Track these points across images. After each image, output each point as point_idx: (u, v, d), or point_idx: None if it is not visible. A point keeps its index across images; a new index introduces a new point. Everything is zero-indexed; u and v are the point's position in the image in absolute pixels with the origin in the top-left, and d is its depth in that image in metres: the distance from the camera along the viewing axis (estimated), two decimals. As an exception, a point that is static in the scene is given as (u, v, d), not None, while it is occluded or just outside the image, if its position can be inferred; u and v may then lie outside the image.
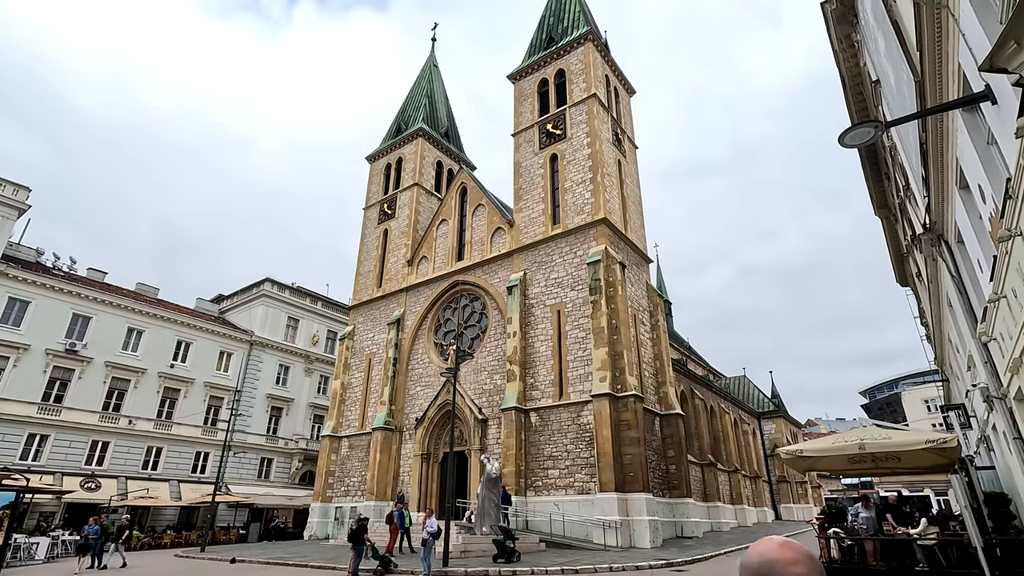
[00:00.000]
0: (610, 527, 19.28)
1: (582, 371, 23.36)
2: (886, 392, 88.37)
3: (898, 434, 14.84)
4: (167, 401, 35.23)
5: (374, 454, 28.68)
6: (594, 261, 24.20)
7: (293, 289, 45.13)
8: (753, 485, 39.63)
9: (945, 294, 12.92)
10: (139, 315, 34.86)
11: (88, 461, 30.91)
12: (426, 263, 33.10)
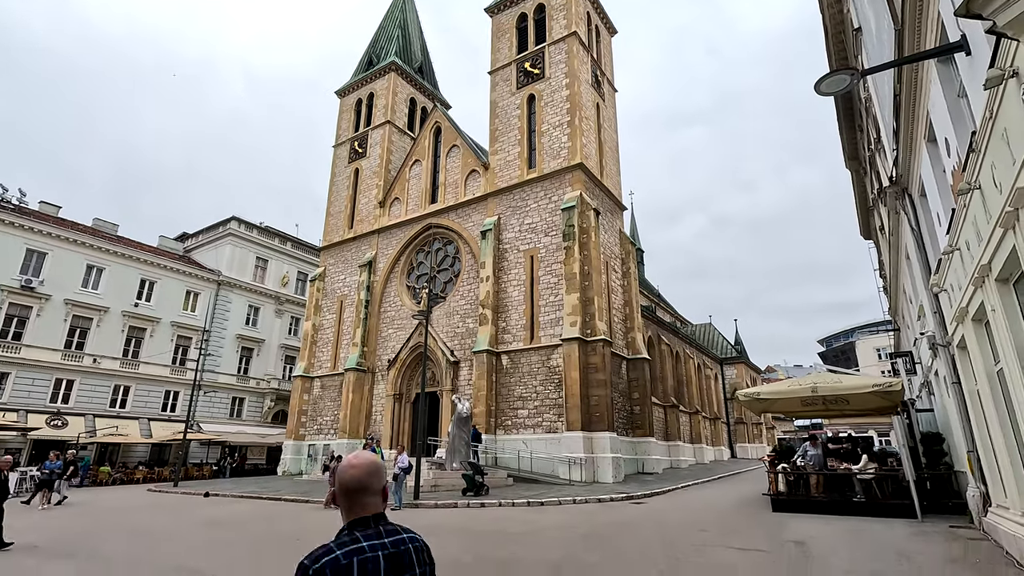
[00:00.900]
0: (575, 463, 20.18)
1: (553, 316, 23.71)
2: (842, 341, 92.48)
3: (848, 378, 15.69)
4: (133, 340, 34.61)
5: (346, 394, 29.02)
6: (569, 207, 24.09)
7: (261, 229, 43.94)
8: (712, 426, 41.70)
9: (904, 247, 13.35)
10: (98, 252, 33.60)
11: (53, 399, 30.49)
12: (398, 205, 32.47)
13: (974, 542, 8.85)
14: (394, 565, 1.69)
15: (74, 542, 10.38)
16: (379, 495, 1.77)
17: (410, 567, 1.74)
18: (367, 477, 1.75)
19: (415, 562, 1.76)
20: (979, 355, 8.02)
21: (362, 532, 1.71)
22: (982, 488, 9.72)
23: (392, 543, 1.73)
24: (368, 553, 1.65)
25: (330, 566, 1.58)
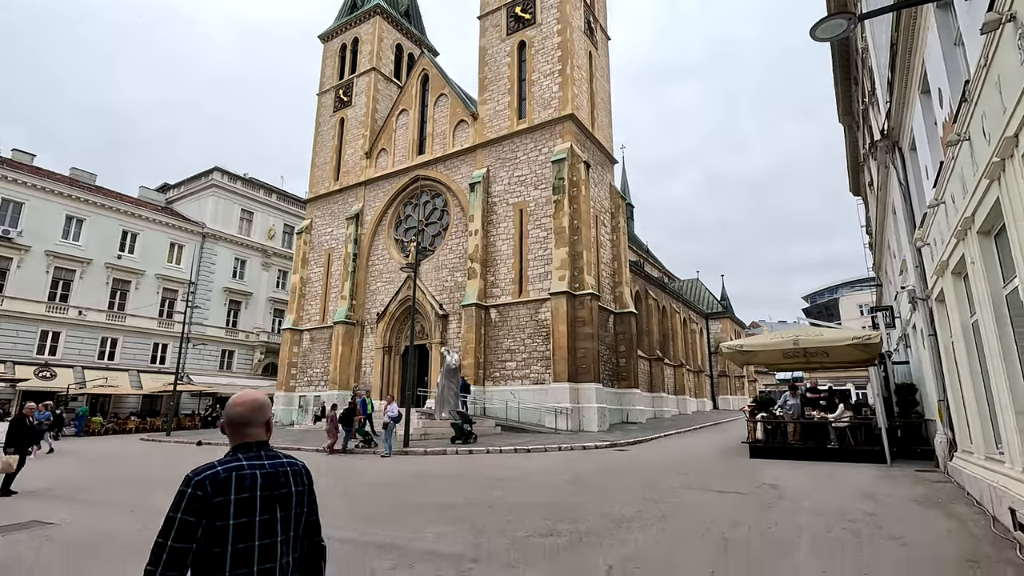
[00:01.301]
0: (561, 413, 20.69)
1: (542, 270, 23.75)
2: (827, 297, 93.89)
3: (829, 331, 16.04)
4: (118, 293, 34.27)
5: (336, 347, 29.20)
6: (559, 159, 23.74)
7: (245, 180, 42.97)
8: (696, 379, 42.74)
9: (891, 201, 13.41)
10: (77, 202, 32.77)
11: (40, 351, 30.39)
12: (385, 156, 31.78)
13: (938, 484, 9.31)
14: (271, 482, 1.89)
15: (71, 489, 10.57)
16: (262, 427, 2.01)
17: (286, 484, 1.93)
18: (251, 413, 1.99)
19: (291, 481, 1.96)
20: (956, 308, 8.20)
21: (244, 454, 1.92)
22: (949, 435, 10.15)
23: (271, 465, 1.93)
24: (247, 471, 1.86)
25: (210, 479, 1.79)
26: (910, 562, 5.04)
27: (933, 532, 6.14)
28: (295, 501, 1.95)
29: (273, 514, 1.87)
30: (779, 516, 7.05)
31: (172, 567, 1.70)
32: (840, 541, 5.80)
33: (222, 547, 1.76)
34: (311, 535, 2.04)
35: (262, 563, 1.80)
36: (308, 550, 2.03)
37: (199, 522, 1.74)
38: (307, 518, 2.02)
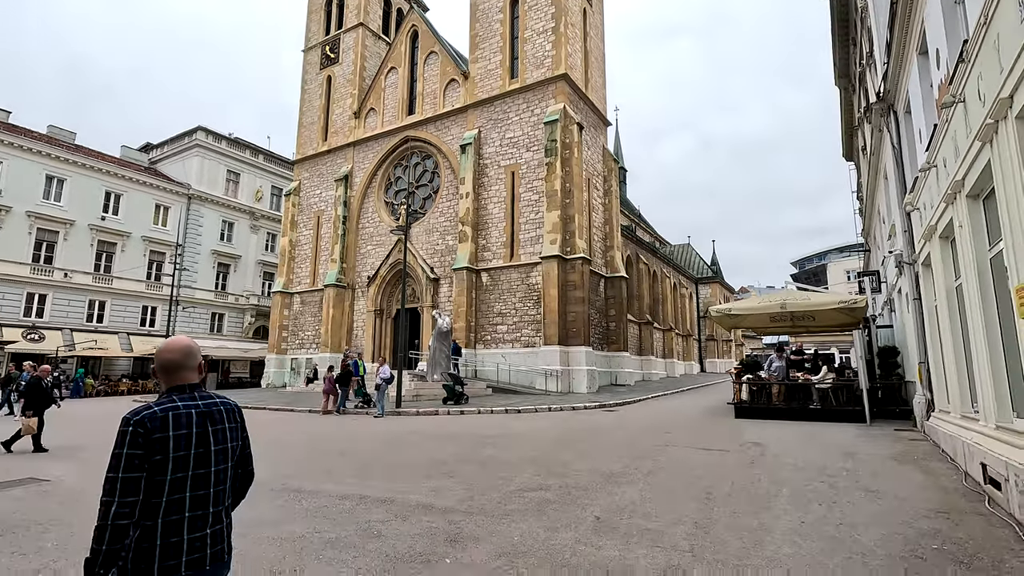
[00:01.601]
0: (551, 375, 21.00)
1: (534, 233, 23.66)
2: (815, 263, 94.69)
3: (816, 295, 16.25)
4: (103, 255, 33.79)
5: (327, 310, 29.19)
6: (552, 120, 23.36)
7: (230, 140, 41.94)
8: (684, 342, 43.36)
9: (884, 166, 13.40)
10: (57, 161, 31.91)
11: (27, 313, 30.11)
12: (374, 116, 31.07)
13: (914, 442, 9.64)
14: (205, 419, 2.07)
15: (66, 448, 10.66)
16: (194, 370, 2.15)
17: (220, 421, 2.11)
18: (183, 358, 2.13)
19: (225, 418, 2.14)
20: (941, 272, 8.33)
21: (178, 396, 2.07)
22: (928, 395, 10.46)
23: (204, 404, 2.10)
24: (182, 410, 2.02)
25: (148, 417, 1.94)
26: (884, 513, 5.26)
27: (907, 486, 6.38)
28: (229, 436, 2.14)
29: (208, 448, 2.04)
30: (761, 472, 7.29)
31: (127, 494, 1.84)
32: (818, 494, 6.03)
33: (162, 477, 1.92)
34: (244, 464, 2.26)
35: (195, 490, 1.99)
36: (240, 476, 2.26)
37: (144, 455, 1.89)
38: (241, 451, 2.22)
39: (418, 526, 5.07)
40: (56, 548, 4.66)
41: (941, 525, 4.85)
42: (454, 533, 4.85)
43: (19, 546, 4.72)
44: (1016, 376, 5.62)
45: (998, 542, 4.37)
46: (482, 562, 4.13)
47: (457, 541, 4.64)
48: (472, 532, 4.87)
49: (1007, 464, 5.09)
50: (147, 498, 1.90)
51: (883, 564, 3.95)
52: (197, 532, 1.98)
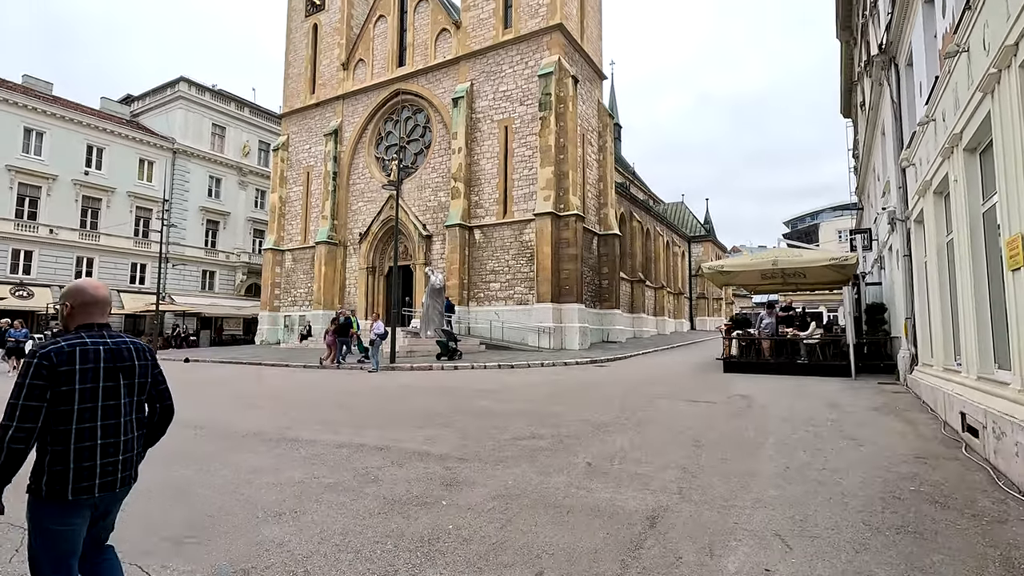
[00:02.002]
0: (544, 332, 21.21)
1: (527, 190, 23.41)
2: (807, 223, 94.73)
3: (807, 253, 16.35)
4: (89, 211, 33.17)
5: (319, 267, 29.04)
6: (546, 73, 22.75)
7: (214, 92, 40.61)
8: (676, 300, 43.71)
9: (881, 121, 13.25)
10: (35, 113, 30.87)
11: (13, 270, 29.76)
12: (363, 67, 30.10)
13: (897, 395, 9.91)
14: (113, 356, 2.20)
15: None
16: (104, 312, 2.29)
17: (129, 358, 2.26)
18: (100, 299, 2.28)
19: (134, 356, 2.29)
20: (933, 228, 8.37)
21: (87, 333, 2.19)
22: (912, 350, 10.69)
23: (113, 342, 2.23)
24: (90, 346, 2.15)
25: (55, 351, 2.06)
26: (865, 459, 5.45)
27: (888, 435, 6.60)
28: (138, 372, 2.29)
29: (117, 381, 2.20)
30: (748, 422, 7.49)
31: (25, 420, 1.98)
32: (803, 442, 6.22)
33: (68, 406, 2.06)
34: (162, 400, 2.45)
35: (106, 419, 2.15)
36: (160, 411, 2.45)
37: (46, 386, 2.02)
38: (155, 387, 2.40)
39: (414, 471, 5.20)
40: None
41: (919, 469, 5.04)
42: (450, 478, 4.99)
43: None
44: (1000, 329, 5.74)
45: (972, 484, 4.56)
46: (477, 504, 4.26)
47: (453, 485, 4.77)
48: (467, 477, 5.01)
49: (986, 412, 5.26)
50: (57, 425, 2.05)
51: (863, 504, 4.12)
52: (109, 458, 2.15)
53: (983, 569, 3.03)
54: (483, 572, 3.10)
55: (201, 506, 4.31)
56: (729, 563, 3.15)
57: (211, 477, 5.12)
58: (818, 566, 3.08)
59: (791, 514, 3.93)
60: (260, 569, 3.16)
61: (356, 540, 3.57)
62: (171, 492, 4.67)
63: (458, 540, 3.55)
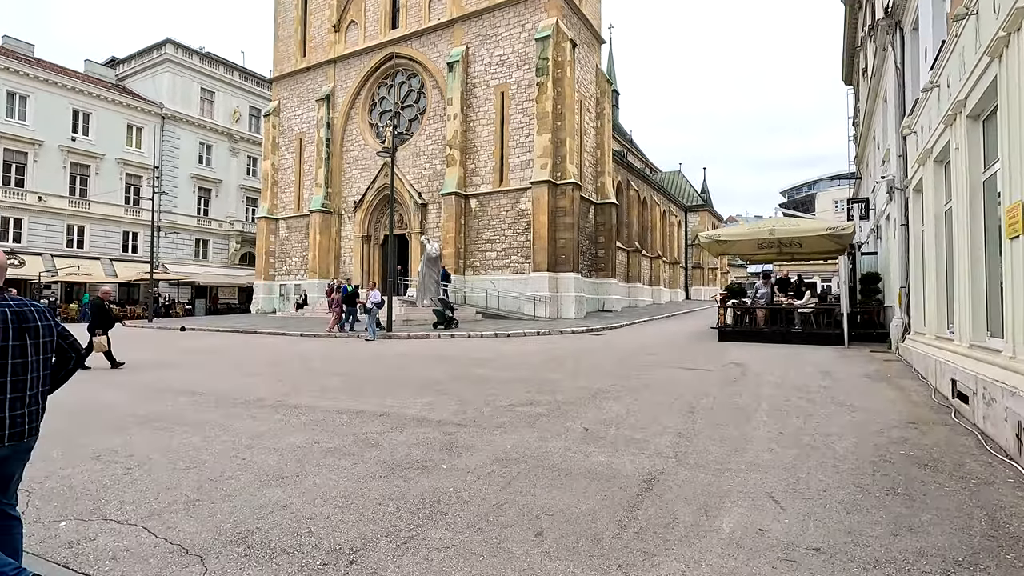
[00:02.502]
0: (540, 301, 21.26)
1: (524, 158, 23.13)
2: (804, 192, 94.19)
3: (804, 222, 16.34)
4: (77, 178, 32.64)
5: (314, 236, 28.83)
6: (543, 36, 22.20)
7: (202, 55, 39.50)
8: (671, 270, 43.83)
9: (884, 88, 13.06)
10: (18, 76, 30.03)
11: (3, 238, 29.40)
12: (355, 29, 29.27)
13: (888, 362, 10.05)
14: (19, 317, 2.37)
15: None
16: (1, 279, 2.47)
17: (33, 320, 2.42)
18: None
19: (37, 317, 2.45)
20: (932, 196, 8.33)
21: None
22: (905, 319, 10.80)
23: (16, 305, 2.40)
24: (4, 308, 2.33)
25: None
26: (856, 424, 5.55)
27: (879, 401, 6.71)
28: (43, 332, 2.46)
29: (24, 341, 2.36)
30: (742, 389, 7.60)
31: None
32: (796, 408, 6.33)
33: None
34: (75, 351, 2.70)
35: (15, 376, 2.33)
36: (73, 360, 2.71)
37: None
38: (63, 341, 2.60)
39: (414, 437, 5.27)
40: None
41: (909, 434, 5.15)
42: (449, 443, 5.06)
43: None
44: (994, 297, 5.78)
45: (961, 448, 4.66)
46: (477, 467, 4.33)
47: (452, 449, 4.84)
48: (466, 442, 5.08)
49: (976, 378, 5.34)
50: None
51: (854, 467, 4.21)
52: (18, 411, 2.33)
53: (970, 528, 3.12)
54: (484, 532, 3.16)
55: (203, 471, 4.36)
56: (724, 523, 3.23)
57: (212, 443, 5.17)
58: (810, 526, 3.17)
59: (784, 477, 4.02)
60: (264, 530, 3.22)
61: (358, 502, 3.64)
62: (172, 457, 4.72)
63: (459, 502, 3.62)
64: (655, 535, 3.09)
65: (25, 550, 2.99)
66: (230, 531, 3.22)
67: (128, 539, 3.13)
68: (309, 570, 2.75)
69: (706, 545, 2.96)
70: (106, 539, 3.13)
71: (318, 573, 2.72)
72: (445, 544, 3.02)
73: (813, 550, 2.87)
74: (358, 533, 3.17)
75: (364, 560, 2.84)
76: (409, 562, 2.82)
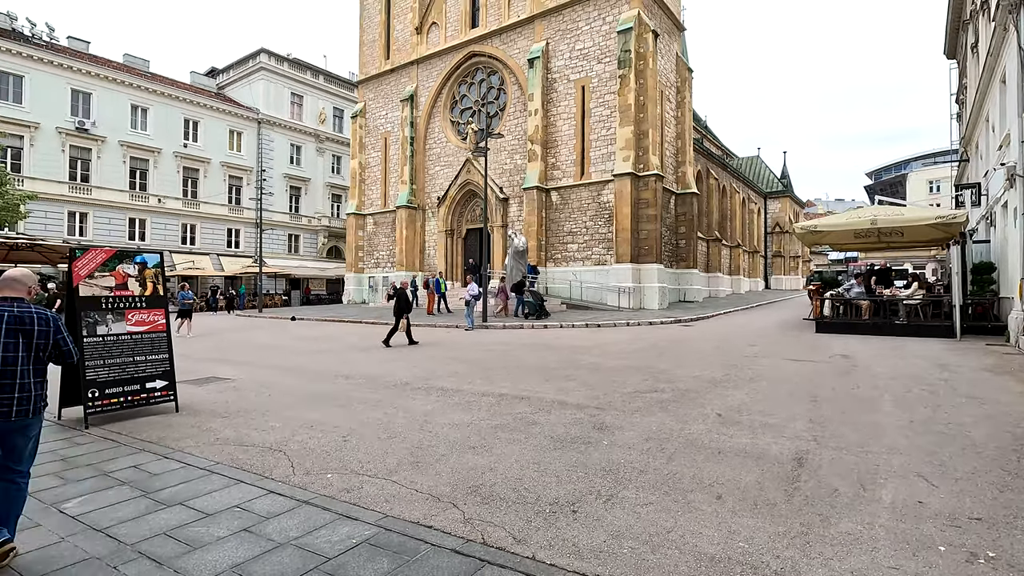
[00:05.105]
0: (624, 292, 21.60)
1: (605, 150, 23.40)
2: (893, 173, 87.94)
3: (909, 211, 15.76)
4: (188, 181, 35.94)
5: (400, 230, 30.41)
6: (625, 29, 22.30)
7: (291, 62, 42.17)
8: (751, 259, 42.61)
9: (1003, 68, 12.43)
10: (140, 91, 33.39)
11: (130, 237, 32.95)
12: (436, 30, 30.39)
13: (1008, 356, 9.80)
14: (17, 321, 3.00)
15: (219, 354, 12.34)
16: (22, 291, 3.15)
17: (30, 324, 3.03)
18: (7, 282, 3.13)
19: (35, 322, 3.06)
20: (1063, 185, 8.11)
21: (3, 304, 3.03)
22: (1027, 311, 10.42)
23: (19, 312, 3.03)
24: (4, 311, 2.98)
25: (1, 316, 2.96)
26: (988, 416, 5.73)
27: (1008, 394, 6.76)
28: (36, 335, 3.05)
29: (16, 340, 2.98)
30: (857, 380, 7.81)
31: None
32: (920, 399, 6.53)
33: None
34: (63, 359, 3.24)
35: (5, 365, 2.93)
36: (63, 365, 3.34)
37: None
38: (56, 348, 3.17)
39: (564, 417, 5.98)
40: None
41: (1047, 426, 5.30)
42: (598, 423, 5.73)
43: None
44: None
45: (1105, 440, 4.81)
46: (634, 444, 4.97)
47: (603, 429, 5.51)
48: (612, 423, 5.73)
49: (1121, 373, 5.39)
50: None
51: (996, 454, 4.50)
52: (5, 394, 2.92)
53: (1125, 507, 3.43)
54: (670, 495, 3.80)
55: (404, 440, 5.25)
56: (883, 495, 3.70)
57: (394, 418, 6.10)
58: (966, 500, 3.58)
59: (927, 460, 4.39)
60: (487, 486, 4.00)
61: (551, 467, 4.37)
62: (372, 429, 5.67)
63: (635, 471, 4.27)
64: (822, 502, 3.61)
65: (320, 492, 3.93)
66: (460, 486, 4.02)
67: (386, 489, 4.00)
68: (545, 515, 3.49)
69: (873, 511, 3.45)
70: (370, 488, 4.02)
71: (553, 517, 3.45)
72: (642, 502, 3.68)
73: (975, 519, 3.30)
74: (565, 491, 3.89)
75: (583, 511, 3.55)
76: (620, 514, 3.50)
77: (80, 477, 4.33)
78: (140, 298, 6.30)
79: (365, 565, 2.87)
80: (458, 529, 3.31)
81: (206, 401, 7.17)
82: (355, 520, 3.43)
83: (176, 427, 5.85)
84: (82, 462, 4.71)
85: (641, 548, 3.03)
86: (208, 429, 5.77)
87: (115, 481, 4.22)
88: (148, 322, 6.32)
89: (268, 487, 4.01)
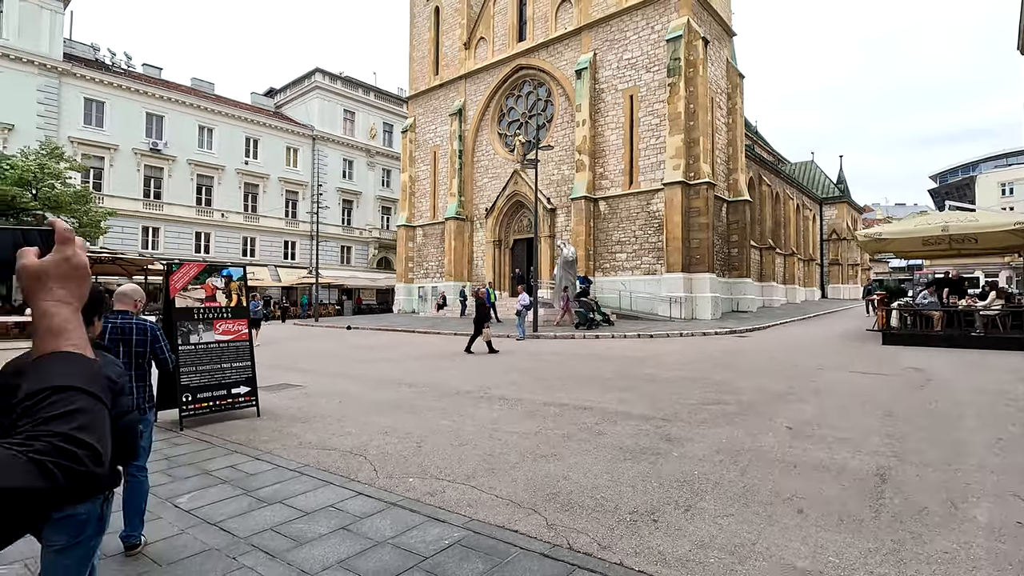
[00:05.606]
0: (675, 302, 21.29)
1: (654, 159, 23.24)
2: (960, 176, 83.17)
3: (984, 216, 14.95)
4: (249, 196, 37.78)
5: (449, 241, 30.99)
6: (674, 37, 22.16)
7: (344, 80, 43.85)
8: (806, 267, 41.14)
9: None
10: (206, 112, 35.45)
11: (196, 250, 34.85)
12: (484, 45, 31.00)
13: (1103, 371, 9.16)
14: (120, 331, 3.52)
15: (286, 362, 12.95)
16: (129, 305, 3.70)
17: (129, 333, 3.55)
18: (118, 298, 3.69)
19: (133, 332, 3.57)
20: None
21: (111, 316, 3.53)
22: (1123, 323, 9.72)
23: (121, 323, 3.56)
24: (110, 322, 3.50)
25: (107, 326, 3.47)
26: (1086, 434, 5.42)
27: (1106, 411, 6.36)
28: (134, 343, 3.56)
29: (117, 346, 3.46)
30: (934, 395, 7.48)
31: None
32: (1008, 416, 6.22)
33: None
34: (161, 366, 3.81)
35: None
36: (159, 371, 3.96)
37: None
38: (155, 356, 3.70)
39: (629, 428, 6.02)
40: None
41: None
42: (664, 434, 5.74)
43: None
44: None
45: None
46: (705, 456, 4.97)
47: (671, 440, 5.52)
48: (680, 434, 5.72)
49: None
50: None
51: (1099, 474, 4.27)
52: None
53: None
54: (749, 507, 3.80)
55: (476, 447, 5.42)
56: (977, 514, 3.59)
57: (462, 426, 6.29)
58: (1070, 522, 3.43)
59: (1022, 480, 4.21)
60: (564, 493, 4.11)
61: (624, 477, 4.44)
62: (443, 436, 5.87)
63: (710, 483, 4.28)
64: (912, 519, 3.54)
65: (405, 495, 4.13)
66: (538, 492, 4.14)
67: (467, 494, 4.16)
68: (627, 523, 3.56)
69: (968, 530, 3.36)
70: (452, 492, 4.20)
71: (635, 526, 3.53)
72: (721, 513, 3.70)
73: (1082, 541, 3.17)
74: (643, 501, 3.95)
75: (664, 520, 3.61)
76: (700, 524, 3.53)
77: (185, 475, 4.70)
78: (227, 309, 6.76)
79: (461, 565, 3.03)
80: (543, 534, 3.43)
81: (282, 407, 7.57)
82: (443, 522, 3.60)
83: (260, 431, 6.23)
84: (184, 461, 5.10)
85: (728, 558, 3.07)
86: (290, 433, 6.11)
87: (217, 479, 4.55)
88: (234, 331, 6.77)
89: (356, 489, 4.25)
